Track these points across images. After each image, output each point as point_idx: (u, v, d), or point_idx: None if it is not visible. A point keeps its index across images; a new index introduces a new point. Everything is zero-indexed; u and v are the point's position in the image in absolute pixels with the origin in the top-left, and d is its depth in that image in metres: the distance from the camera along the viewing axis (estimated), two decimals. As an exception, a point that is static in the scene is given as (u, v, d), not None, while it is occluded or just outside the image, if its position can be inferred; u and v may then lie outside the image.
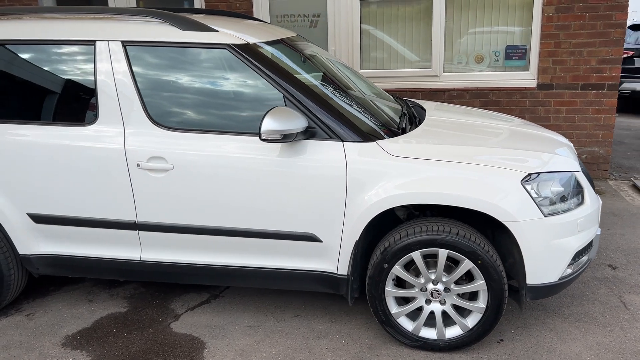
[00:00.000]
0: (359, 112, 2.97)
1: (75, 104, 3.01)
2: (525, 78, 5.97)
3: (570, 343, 2.96)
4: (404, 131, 3.03)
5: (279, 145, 2.81)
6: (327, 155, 2.78)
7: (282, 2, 6.33)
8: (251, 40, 3.00)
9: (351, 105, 2.99)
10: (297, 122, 2.65)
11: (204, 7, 6.37)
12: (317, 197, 2.80)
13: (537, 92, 5.93)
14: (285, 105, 2.83)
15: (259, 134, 2.66)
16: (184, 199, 2.91)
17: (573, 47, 5.74)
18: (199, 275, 3.08)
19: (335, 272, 2.93)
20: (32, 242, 3.18)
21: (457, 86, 6.06)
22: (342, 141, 2.79)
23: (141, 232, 3.02)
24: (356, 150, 2.77)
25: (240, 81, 2.91)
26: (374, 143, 2.79)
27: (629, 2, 5.58)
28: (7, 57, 3.07)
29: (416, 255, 2.76)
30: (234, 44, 2.90)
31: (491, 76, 6.06)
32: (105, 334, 3.16)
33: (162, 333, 3.16)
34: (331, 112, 2.82)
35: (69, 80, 3.02)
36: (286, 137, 2.67)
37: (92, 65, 2.98)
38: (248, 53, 2.89)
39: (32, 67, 3.06)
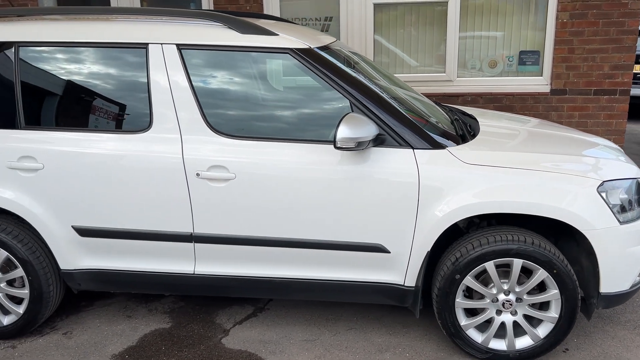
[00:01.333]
0: (421, 118, 2.89)
1: (125, 110, 2.85)
2: (538, 83, 6.00)
3: (636, 351, 2.94)
4: (464, 138, 2.96)
5: (346, 153, 2.72)
6: (397, 162, 2.69)
7: (293, 5, 6.23)
8: (313, 44, 2.90)
9: (411, 112, 2.91)
10: (370, 129, 2.56)
11: (212, 8, 6.21)
12: (386, 206, 2.71)
13: (551, 98, 5.97)
14: (352, 111, 2.73)
15: (333, 142, 2.56)
16: (246, 209, 2.78)
17: (586, 53, 5.80)
18: (256, 288, 2.96)
19: (402, 283, 2.84)
20: (76, 257, 2.99)
21: (471, 91, 6.06)
22: (413, 148, 2.71)
23: (197, 245, 2.88)
24: (427, 157, 2.70)
25: (302, 87, 2.80)
26: (445, 150, 2.72)
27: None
28: (52, 60, 2.89)
29: (489, 266, 2.69)
30: (296, 49, 2.79)
31: (505, 81, 6.07)
32: (154, 351, 3.00)
33: (215, 350, 3.02)
34: (400, 118, 2.74)
35: (118, 85, 2.86)
36: (359, 145, 2.57)
37: (145, 70, 2.83)
38: (311, 58, 2.79)
39: (78, 71, 2.88)
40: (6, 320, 3.09)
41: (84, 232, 2.92)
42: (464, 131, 3.09)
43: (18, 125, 2.88)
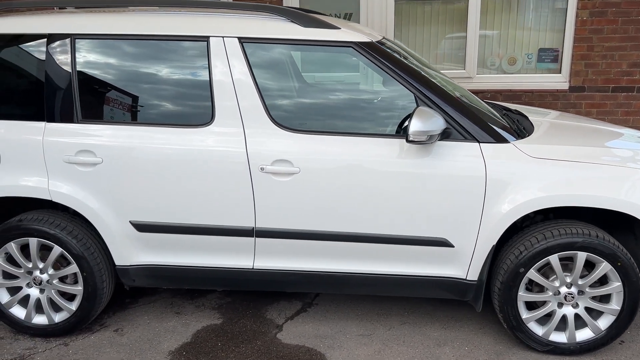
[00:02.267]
0: (482, 112, 2.90)
1: (186, 103, 2.82)
2: (557, 80, 6.06)
3: (691, 342, 2.98)
4: (520, 132, 2.97)
5: (412, 146, 2.71)
6: (464, 156, 2.70)
7: (312, 0, 6.21)
8: (374, 38, 2.89)
9: (472, 105, 2.91)
10: (439, 123, 2.57)
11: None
12: (452, 200, 2.71)
13: (569, 95, 6.03)
14: (417, 105, 2.73)
15: (405, 136, 2.56)
16: (309, 203, 2.77)
17: (605, 51, 5.87)
18: (315, 283, 2.94)
19: (464, 277, 2.85)
20: (132, 252, 2.95)
21: (490, 88, 6.09)
22: (478, 142, 2.72)
23: (258, 239, 2.86)
24: (493, 151, 2.71)
25: (365, 80, 2.79)
26: (511, 144, 2.73)
27: (659, 8, 5.74)
28: (108, 53, 2.85)
29: (554, 259, 2.71)
30: (360, 42, 2.78)
31: (524, 78, 6.12)
32: (211, 348, 2.98)
33: (272, 345, 3.00)
34: (465, 112, 2.74)
35: (178, 79, 2.82)
36: (430, 138, 2.57)
37: (206, 63, 2.80)
38: (375, 51, 2.78)
39: (136, 64, 2.84)
40: (57, 317, 3.04)
41: (141, 227, 2.88)
42: (517, 126, 3.11)
43: (75, 119, 2.83)
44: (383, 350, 2.95)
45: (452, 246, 2.79)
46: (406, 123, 2.77)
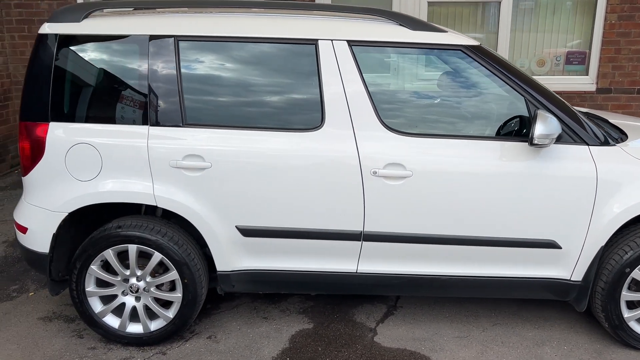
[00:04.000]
0: (584, 115, 2.95)
1: (295, 107, 2.78)
2: (584, 82, 6.20)
3: None
4: (618, 136, 3.02)
5: (524, 149, 2.74)
6: (575, 159, 2.74)
7: (342, 1, 6.21)
8: (476, 42, 2.91)
9: (575, 109, 2.96)
10: (558, 126, 2.60)
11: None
12: (562, 202, 2.75)
13: (596, 96, 6.18)
14: (528, 109, 2.76)
15: (530, 139, 2.59)
16: (420, 207, 2.77)
17: (632, 54, 6.03)
18: (419, 286, 2.95)
19: (569, 278, 2.89)
20: (235, 258, 2.91)
21: (520, 89, 6.19)
22: (587, 145, 2.76)
23: (365, 243, 2.85)
24: (601, 153, 2.76)
25: (473, 84, 2.81)
26: (617, 147, 2.79)
27: (684, 12, 5.93)
28: (213, 55, 2.79)
29: (658, 259, 2.78)
30: (469, 45, 2.80)
31: (552, 80, 6.24)
32: (312, 353, 2.95)
33: (374, 348, 2.99)
34: (572, 115, 2.79)
35: (285, 82, 2.79)
36: (550, 141, 2.61)
37: (315, 66, 2.77)
38: (484, 54, 2.80)
39: (241, 66, 2.80)
40: (153, 325, 2.97)
41: (247, 232, 2.84)
42: (610, 129, 3.17)
43: (181, 122, 2.77)
44: (485, 352, 2.98)
45: (560, 247, 2.83)
46: (508, 125, 2.80)
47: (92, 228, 3.10)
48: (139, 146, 2.75)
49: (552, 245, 2.82)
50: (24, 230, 2.89)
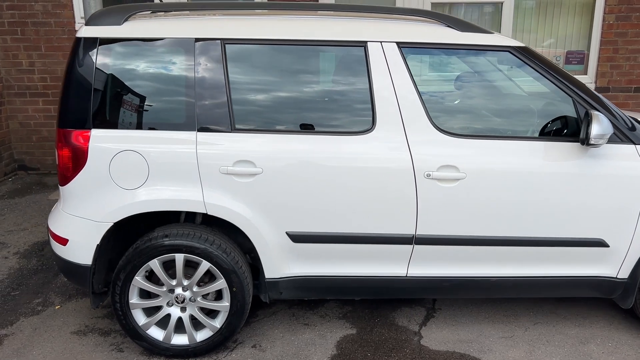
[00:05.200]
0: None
1: (345, 110, 2.75)
2: (584, 81, 6.31)
3: None
4: None
5: (573, 149, 2.76)
6: (623, 158, 2.78)
7: (345, 1, 6.19)
8: (522, 43, 2.92)
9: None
10: (610, 126, 2.63)
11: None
12: (611, 200, 2.79)
13: (595, 95, 6.30)
14: (576, 109, 2.79)
15: (586, 139, 2.61)
16: (473, 209, 2.77)
17: (629, 53, 6.18)
18: (468, 288, 2.95)
19: (615, 276, 2.93)
20: (283, 264, 2.85)
21: (522, 89, 6.28)
22: (634, 144, 2.80)
23: (417, 247, 2.83)
24: (647, 153, 2.80)
25: (522, 85, 2.83)
26: (661, 146, 2.84)
27: (678, 13, 6.11)
28: (259, 59, 2.73)
29: (703, 255, 2.84)
30: (517, 46, 2.81)
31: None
32: (362, 358, 2.92)
33: (423, 352, 2.97)
34: (619, 115, 2.82)
35: (334, 85, 2.75)
36: (604, 141, 2.63)
37: (364, 69, 2.74)
38: (532, 55, 2.82)
39: (289, 69, 2.74)
40: (199, 336, 2.89)
41: (298, 238, 2.79)
42: None
43: (230, 127, 2.70)
44: (532, 351, 2.99)
45: (607, 246, 2.86)
46: (552, 125, 2.83)
47: (127, 238, 3.00)
48: (188, 153, 2.67)
49: (600, 243, 2.85)
50: (63, 241, 2.77)
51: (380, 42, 2.75)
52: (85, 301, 3.50)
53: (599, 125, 2.58)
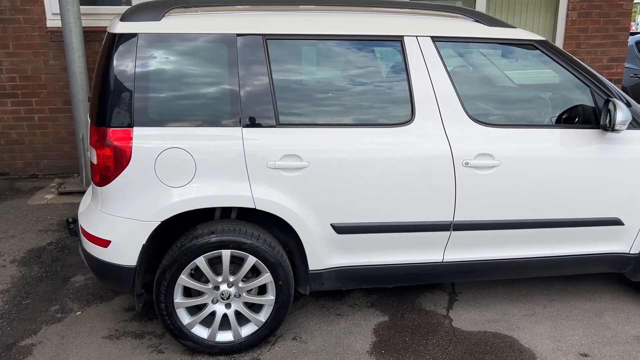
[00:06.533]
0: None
1: (385, 103, 2.83)
2: (549, 76, 6.69)
3: None
4: None
5: (598, 135, 2.97)
6: (636, 142, 3.01)
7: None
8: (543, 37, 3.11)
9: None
10: (629, 113, 2.85)
11: None
12: (627, 181, 3.02)
13: (560, 87, 6.70)
14: (594, 98, 3.00)
15: (610, 126, 2.81)
16: (506, 194, 2.92)
17: (590, 47, 6.61)
18: (498, 269, 3.10)
19: (628, 252, 3.17)
20: (327, 256, 2.90)
21: (494, 83, 6.58)
22: (644, 130, 3.05)
23: (454, 232, 2.95)
24: (657, 137, 3.05)
25: (545, 76, 3.01)
26: (667, 130, 3.10)
27: (632, 10, 6.59)
28: (300, 53, 2.77)
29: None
30: (539, 40, 2.99)
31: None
32: (404, 343, 3.02)
33: (458, 334, 3.11)
34: (632, 102, 3.06)
35: (374, 78, 2.83)
36: (625, 127, 2.85)
37: (402, 62, 2.84)
38: (552, 48, 3.00)
39: (330, 64, 2.80)
40: (244, 331, 2.90)
41: (342, 229, 2.85)
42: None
43: (275, 122, 2.72)
44: (556, 326, 3.19)
45: (623, 224, 3.10)
46: (568, 113, 3.03)
47: (160, 237, 2.94)
48: (235, 149, 2.67)
49: (616, 222, 3.08)
50: (104, 243, 2.70)
51: (416, 36, 2.85)
52: (107, 305, 3.41)
53: (622, 112, 2.79)
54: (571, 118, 3.08)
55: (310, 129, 2.74)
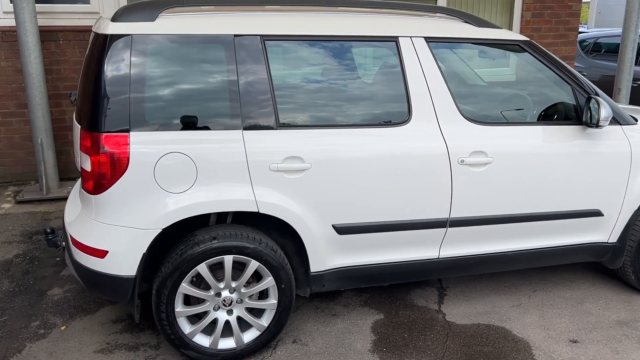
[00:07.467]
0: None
1: (382, 103, 2.85)
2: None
3: None
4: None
5: (581, 131, 3.10)
6: (614, 137, 3.18)
7: None
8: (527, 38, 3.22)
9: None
10: (611, 109, 3.00)
11: None
12: (606, 174, 3.18)
13: (516, 85, 6.97)
14: (575, 96, 3.14)
15: (595, 122, 2.95)
16: (499, 190, 3.01)
17: (543, 47, 6.89)
18: (488, 263, 3.20)
19: (606, 241, 3.35)
20: (328, 257, 2.90)
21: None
22: (620, 125, 3.22)
23: (450, 229, 3.02)
24: (632, 132, 3.23)
25: (529, 75, 3.12)
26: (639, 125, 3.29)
27: (580, 11, 6.95)
28: (297, 54, 2.75)
29: (674, 216, 3.34)
30: (525, 40, 3.10)
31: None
32: (401, 340, 3.06)
33: (453, 327, 3.18)
34: (610, 99, 3.22)
35: (370, 78, 2.85)
36: (608, 123, 3.00)
37: (397, 63, 2.87)
38: (536, 48, 3.12)
39: (326, 65, 2.79)
40: (246, 337, 2.85)
41: (343, 229, 2.85)
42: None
43: (275, 124, 2.69)
44: (543, 315, 3.33)
45: (602, 215, 3.26)
46: (548, 111, 3.16)
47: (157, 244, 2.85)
48: (237, 152, 2.62)
49: (597, 213, 3.24)
50: (101, 254, 2.59)
51: (410, 37, 2.89)
52: (92, 318, 3.26)
53: (605, 109, 2.94)
54: (552, 115, 3.21)
55: (310, 130, 2.73)
